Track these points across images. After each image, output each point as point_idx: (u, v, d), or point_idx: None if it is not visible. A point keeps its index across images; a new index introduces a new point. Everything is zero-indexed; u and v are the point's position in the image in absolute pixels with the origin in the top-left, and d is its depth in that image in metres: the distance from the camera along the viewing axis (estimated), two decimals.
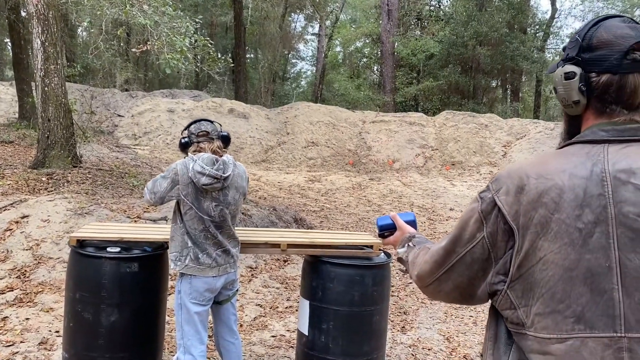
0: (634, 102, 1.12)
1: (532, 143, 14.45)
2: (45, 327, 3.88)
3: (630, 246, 1.03)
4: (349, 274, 3.23)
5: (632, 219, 1.03)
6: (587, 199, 1.06)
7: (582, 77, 1.14)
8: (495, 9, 19.24)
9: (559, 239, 1.06)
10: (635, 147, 1.10)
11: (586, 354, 1.03)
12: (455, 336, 4.44)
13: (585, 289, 1.04)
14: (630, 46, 1.10)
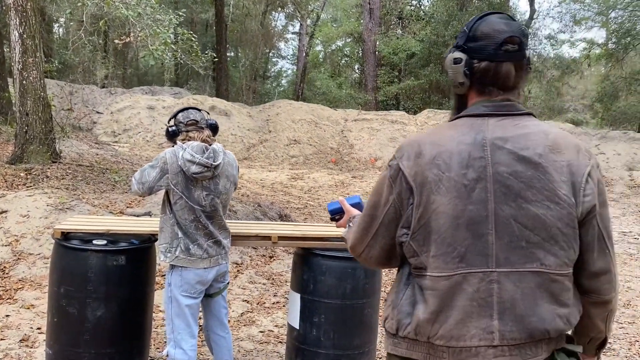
0: (507, 84, 1.37)
1: None
2: (27, 324, 3.77)
3: (503, 199, 1.28)
4: (341, 266, 3.19)
5: (505, 177, 1.28)
6: (471, 160, 1.30)
7: (467, 62, 1.37)
8: (476, 9, 19.39)
9: (449, 193, 1.29)
10: (509, 120, 1.35)
11: (465, 286, 1.29)
12: None
13: (468, 234, 1.28)
14: (504, 39, 1.33)
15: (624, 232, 8.65)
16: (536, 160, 1.28)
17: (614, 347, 4.20)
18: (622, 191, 12.63)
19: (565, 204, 1.26)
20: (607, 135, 14.87)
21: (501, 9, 20.60)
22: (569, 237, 1.28)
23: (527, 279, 1.27)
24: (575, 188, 1.28)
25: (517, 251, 1.27)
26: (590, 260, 1.32)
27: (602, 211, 1.30)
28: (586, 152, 1.33)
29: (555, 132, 1.33)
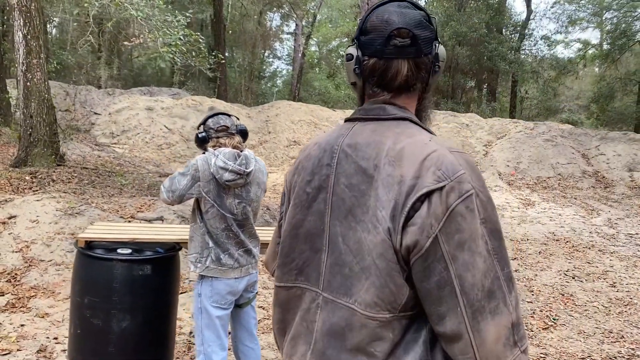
0: (393, 85, 1.15)
1: (512, 142, 14.59)
2: (42, 334, 3.67)
3: (337, 213, 1.11)
4: None
5: (342, 188, 1.11)
6: (318, 167, 1.17)
7: (358, 59, 1.16)
8: (474, 10, 19.40)
9: (294, 199, 1.20)
10: (374, 125, 1.14)
11: (300, 302, 1.17)
12: None
13: (306, 246, 1.16)
14: (391, 32, 1.11)
15: (631, 234, 8.64)
16: (371, 173, 1.07)
17: (638, 354, 4.16)
18: (624, 192, 12.64)
19: (381, 228, 1.02)
20: (607, 136, 14.89)
21: (499, 10, 20.64)
22: (382, 272, 1.02)
23: (340, 313, 1.07)
24: (396, 210, 1.00)
25: (338, 278, 1.09)
26: (433, 315, 1.02)
27: (455, 254, 0.98)
28: (439, 171, 1.00)
29: (411, 142, 1.07)
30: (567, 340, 4.38)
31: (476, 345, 0.99)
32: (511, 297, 1.01)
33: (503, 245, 1.04)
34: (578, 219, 9.64)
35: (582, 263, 6.80)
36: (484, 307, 0.98)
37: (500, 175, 13.40)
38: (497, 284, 1.00)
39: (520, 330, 1.03)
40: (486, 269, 0.98)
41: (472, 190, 0.99)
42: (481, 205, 1.00)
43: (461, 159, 1.03)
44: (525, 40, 23.62)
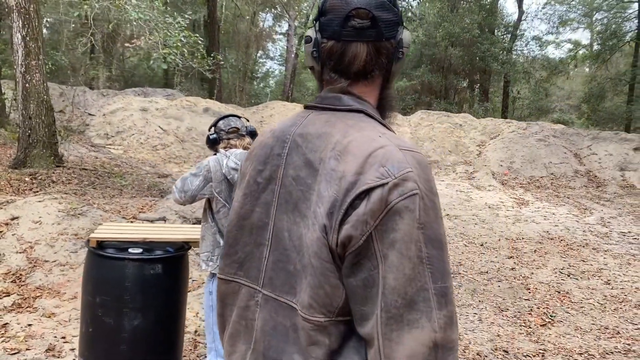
0: (351, 70, 1.07)
1: (505, 142, 14.73)
2: (50, 333, 3.70)
3: (284, 207, 1.04)
4: None
5: (289, 181, 1.04)
6: (270, 157, 1.10)
7: (316, 42, 1.09)
8: (466, 11, 19.55)
9: (244, 189, 1.14)
10: (328, 115, 1.08)
11: (237, 299, 1.11)
12: (464, 333, 4.46)
13: (250, 239, 1.10)
14: (349, 12, 1.04)
15: (623, 233, 8.77)
16: (316, 166, 1.01)
17: (634, 349, 4.25)
18: (616, 191, 12.81)
19: (317, 225, 0.96)
20: (599, 135, 15.07)
21: (491, 11, 20.80)
22: (316, 271, 0.96)
23: (284, 312, 1.02)
24: (334, 207, 0.94)
25: (282, 275, 1.03)
26: (357, 314, 0.95)
27: (387, 253, 0.91)
28: (383, 168, 0.93)
29: (359, 136, 1.00)
30: (565, 337, 4.47)
31: (384, 355, 0.90)
32: (440, 315, 0.90)
33: (442, 257, 0.94)
34: (571, 217, 9.77)
35: (576, 261, 6.91)
36: (402, 316, 0.89)
37: (493, 175, 13.53)
38: (423, 296, 0.90)
39: (449, 355, 0.91)
40: (413, 276, 0.90)
41: (416, 190, 0.92)
42: (423, 208, 0.92)
43: (411, 158, 0.96)
44: (517, 40, 23.83)
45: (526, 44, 25.27)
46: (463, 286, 5.69)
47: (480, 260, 6.73)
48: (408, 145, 0.99)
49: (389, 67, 1.10)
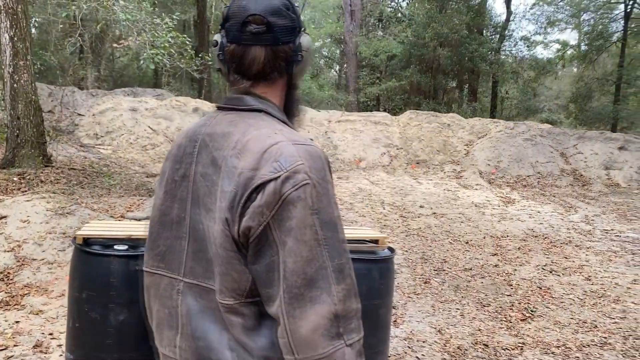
0: (251, 72, 1.18)
1: (493, 142, 14.88)
2: (37, 330, 3.76)
3: (197, 202, 1.14)
4: (357, 268, 3.25)
5: (199, 178, 1.14)
6: (183, 156, 1.20)
7: (221, 45, 1.19)
8: (455, 11, 19.71)
9: (164, 187, 1.22)
10: (233, 115, 1.18)
11: (159, 290, 1.20)
12: (446, 328, 4.56)
13: (170, 234, 1.19)
14: (245, 18, 1.14)
15: (606, 230, 8.93)
16: (219, 164, 1.10)
17: (609, 342, 4.38)
18: (601, 190, 13.00)
19: (221, 219, 1.06)
20: (585, 135, 15.27)
21: (479, 11, 20.98)
22: (223, 260, 1.07)
23: (208, 296, 1.12)
24: (234, 202, 1.04)
25: (203, 263, 1.13)
26: (264, 297, 1.07)
27: (285, 240, 1.02)
28: (276, 162, 1.04)
29: (257, 134, 1.10)
30: (544, 330, 4.59)
31: (290, 331, 1.01)
32: (338, 288, 1.02)
33: (338, 237, 1.06)
34: (556, 216, 9.92)
35: (559, 258, 7.04)
36: (303, 295, 1.00)
37: (481, 174, 13.67)
38: (323, 274, 1.01)
39: (350, 323, 1.04)
40: (311, 258, 1.01)
41: (307, 180, 1.03)
42: (316, 196, 1.03)
43: (303, 151, 1.06)
44: (506, 41, 24.03)
45: (515, 44, 25.47)
46: (447, 282, 5.80)
47: (465, 258, 6.85)
48: (302, 140, 1.11)
49: (289, 70, 1.21)
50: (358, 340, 1.07)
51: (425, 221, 9.13)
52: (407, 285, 5.68)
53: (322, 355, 1.01)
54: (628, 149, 14.46)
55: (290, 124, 1.22)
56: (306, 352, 1.01)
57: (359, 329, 1.08)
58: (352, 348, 1.04)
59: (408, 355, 3.98)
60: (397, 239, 7.81)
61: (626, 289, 5.83)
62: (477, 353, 4.07)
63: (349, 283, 1.06)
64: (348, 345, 1.03)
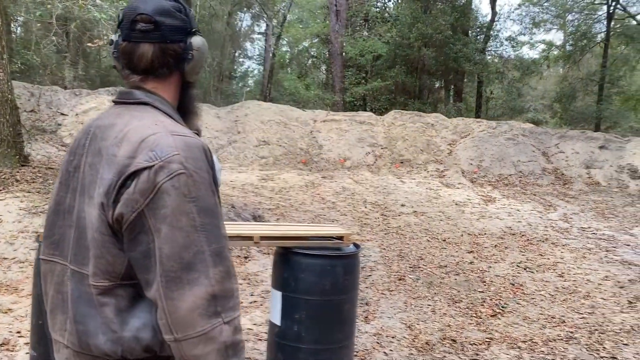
0: (139, 67, 1.24)
1: (475, 141, 15.00)
2: (5, 328, 3.76)
3: (83, 191, 1.20)
4: (320, 264, 3.31)
5: (87, 168, 1.20)
6: (77, 148, 1.26)
7: (116, 44, 1.27)
8: (440, 12, 19.81)
9: (59, 178, 1.28)
10: (122, 108, 1.25)
11: (54, 276, 1.25)
12: (416, 324, 4.62)
13: (64, 222, 1.24)
14: (134, 17, 1.22)
15: (583, 228, 9.05)
16: (103, 153, 1.17)
17: (575, 336, 4.46)
18: (581, 188, 13.15)
19: (98, 204, 1.13)
20: (566, 134, 15.43)
21: (464, 12, 21.11)
22: (98, 244, 1.14)
23: (85, 281, 1.17)
24: (110, 187, 1.11)
25: (83, 250, 1.18)
26: (142, 281, 1.13)
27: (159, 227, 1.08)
28: (152, 152, 1.10)
29: (138, 125, 1.17)
30: (512, 326, 4.66)
31: (168, 312, 1.07)
32: (215, 271, 1.09)
33: (216, 223, 1.13)
34: (535, 214, 10.03)
35: (534, 255, 7.13)
36: (181, 278, 1.07)
37: (463, 173, 13.78)
38: (200, 258, 1.08)
39: (228, 303, 1.11)
40: (188, 243, 1.08)
41: (182, 170, 1.09)
42: (193, 184, 1.10)
43: (180, 142, 1.13)
44: (492, 41, 24.19)
45: (500, 45, 25.66)
46: (421, 279, 5.86)
47: (441, 255, 6.92)
48: (181, 132, 1.17)
49: (180, 68, 1.28)
50: (235, 318, 1.14)
51: (406, 219, 9.19)
52: (382, 282, 5.74)
53: (200, 332, 1.08)
54: (608, 148, 14.64)
55: (177, 118, 1.27)
56: (185, 331, 1.07)
57: (236, 307, 1.14)
58: (230, 325, 1.11)
59: (376, 351, 4.03)
60: (376, 237, 7.87)
61: (597, 285, 5.92)
62: (445, 348, 4.13)
63: (226, 265, 1.13)
64: (226, 322, 1.11)
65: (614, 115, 25.45)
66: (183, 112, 1.34)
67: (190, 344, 1.08)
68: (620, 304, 5.33)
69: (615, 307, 5.25)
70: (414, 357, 3.96)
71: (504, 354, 4.06)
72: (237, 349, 1.13)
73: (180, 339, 1.08)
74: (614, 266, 6.71)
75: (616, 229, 9.05)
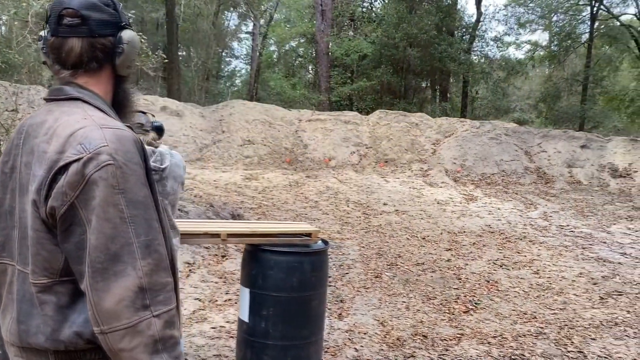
0: (68, 62, 1.23)
1: (459, 141, 15.10)
2: None
3: (22, 191, 1.19)
4: (288, 261, 3.33)
5: (23, 167, 1.19)
6: (12, 148, 1.25)
7: (44, 39, 1.25)
8: (425, 12, 19.91)
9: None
10: (53, 105, 1.24)
11: (5, 277, 1.24)
12: (389, 320, 4.65)
13: (7, 224, 1.23)
14: (60, 11, 1.21)
15: (562, 226, 9.15)
16: (34, 151, 1.17)
17: (545, 332, 4.51)
18: (562, 187, 13.29)
19: (31, 201, 1.13)
20: (549, 134, 15.58)
21: (449, 12, 21.24)
22: (34, 241, 1.14)
23: (27, 281, 1.17)
24: (42, 184, 1.11)
25: (25, 250, 1.18)
26: (76, 273, 1.13)
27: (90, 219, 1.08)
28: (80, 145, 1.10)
29: (67, 120, 1.17)
30: (484, 322, 4.71)
31: (94, 304, 1.07)
32: (144, 263, 1.09)
33: (145, 215, 1.13)
34: (516, 212, 10.13)
35: (511, 253, 7.21)
36: (107, 269, 1.07)
37: (447, 172, 13.88)
38: (128, 250, 1.08)
39: (158, 296, 1.10)
40: (115, 235, 1.08)
41: (110, 162, 1.09)
42: (122, 176, 1.10)
43: (110, 134, 1.13)
44: (477, 41, 24.36)
45: (486, 45, 25.83)
46: (397, 277, 5.91)
47: (419, 253, 6.97)
48: (112, 125, 1.17)
49: (112, 62, 1.28)
50: (167, 312, 1.12)
51: (387, 218, 9.24)
52: (359, 279, 5.77)
53: (127, 325, 1.07)
54: (590, 148, 14.81)
55: (108, 111, 1.27)
56: (110, 323, 1.07)
57: (167, 301, 1.13)
58: (160, 318, 1.10)
59: (347, 347, 4.06)
60: (356, 235, 7.91)
61: (571, 282, 6.00)
62: (415, 344, 4.17)
63: (156, 258, 1.12)
64: (155, 316, 1.09)
65: (597, 115, 25.74)
66: (118, 107, 1.33)
67: (117, 336, 1.07)
68: (592, 300, 5.40)
69: (587, 303, 5.33)
70: (384, 352, 3.99)
71: (473, 349, 4.11)
72: (168, 343, 1.11)
73: (105, 331, 1.07)
74: (589, 263, 6.80)
75: (594, 226, 9.17)
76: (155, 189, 1.20)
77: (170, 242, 1.26)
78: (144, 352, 1.08)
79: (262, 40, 28.53)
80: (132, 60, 1.31)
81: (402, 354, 3.98)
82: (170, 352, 1.12)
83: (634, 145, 14.64)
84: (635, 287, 5.85)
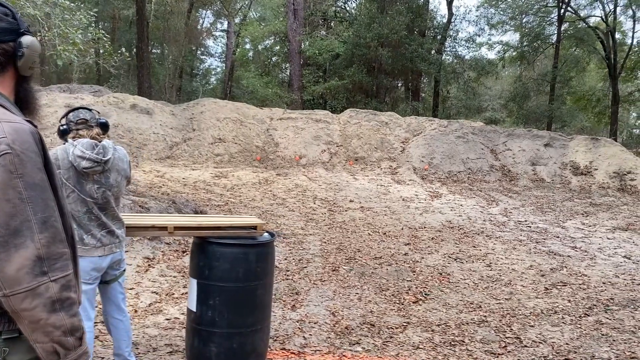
0: None
1: (427, 139, 15.38)
2: None
3: None
4: (234, 252, 3.47)
5: None
6: None
7: None
8: (396, 12, 20.18)
9: None
10: None
11: None
12: (341, 311, 4.83)
13: None
14: None
15: (520, 221, 9.46)
16: None
17: (487, 320, 4.74)
18: (526, 184, 13.66)
19: None
20: (514, 133, 15.97)
21: (419, 13, 21.55)
22: None
23: None
24: None
25: None
26: None
27: None
28: None
29: None
30: (431, 311, 4.92)
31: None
32: (41, 237, 1.27)
33: (43, 195, 1.30)
34: (477, 208, 10.42)
35: (467, 247, 7.45)
36: (8, 242, 1.24)
37: (415, 170, 14.14)
38: (27, 226, 1.26)
39: (55, 264, 1.29)
40: (15, 213, 1.25)
41: (8, 150, 1.26)
42: (20, 163, 1.27)
43: (8, 127, 1.30)
44: (449, 42, 24.74)
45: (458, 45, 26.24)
46: (354, 270, 6.09)
47: (378, 247, 7.16)
48: (11, 119, 1.33)
49: (14, 64, 1.44)
50: (63, 277, 1.30)
51: (351, 215, 9.43)
52: (316, 273, 5.93)
53: (27, 288, 1.24)
54: (553, 146, 15.24)
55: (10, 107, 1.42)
56: (12, 287, 1.24)
57: (64, 267, 1.31)
58: (57, 283, 1.28)
59: (296, 335, 4.21)
60: (320, 231, 8.07)
61: (520, 274, 6.26)
62: (362, 332, 4.35)
63: (52, 232, 1.30)
64: (52, 280, 1.27)
65: (565, 114, 26.36)
66: (22, 103, 1.48)
67: (18, 298, 1.24)
68: (537, 291, 5.66)
69: (532, 293, 5.58)
70: (331, 340, 4.16)
71: (417, 337, 4.30)
72: (65, 304, 1.29)
73: (8, 294, 1.24)
74: (540, 256, 7.08)
75: (550, 222, 9.49)
76: (54, 174, 1.37)
77: (70, 220, 1.43)
78: (43, 310, 1.25)
79: (236, 39, 28.51)
80: (33, 61, 1.47)
81: (348, 341, 4.15)
82: (67, 310, 1.30)
83: (595, 144, 15.12)
84: (580, 279, 6.13)
